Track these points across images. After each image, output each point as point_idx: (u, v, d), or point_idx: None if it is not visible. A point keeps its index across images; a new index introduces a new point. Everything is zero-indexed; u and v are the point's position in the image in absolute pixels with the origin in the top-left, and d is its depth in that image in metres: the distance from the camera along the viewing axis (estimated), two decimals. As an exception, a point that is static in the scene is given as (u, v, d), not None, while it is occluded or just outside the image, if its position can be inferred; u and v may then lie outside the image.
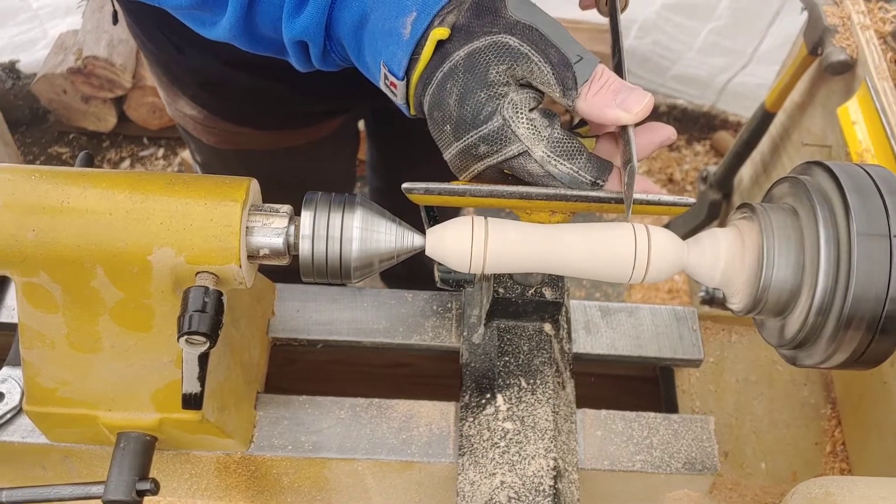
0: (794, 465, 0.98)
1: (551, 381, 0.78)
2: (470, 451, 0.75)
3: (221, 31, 0.69)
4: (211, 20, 0.70)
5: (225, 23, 0.68)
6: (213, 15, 0.69)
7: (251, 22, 0.68)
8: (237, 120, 1.10)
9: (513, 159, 0.62)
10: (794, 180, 0.65)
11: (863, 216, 0.59)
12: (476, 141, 0.62)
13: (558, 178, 0.62)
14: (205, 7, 0.68)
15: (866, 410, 0.97)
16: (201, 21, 0.71)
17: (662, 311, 0.92)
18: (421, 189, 0.65)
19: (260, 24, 0.68)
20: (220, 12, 0.68)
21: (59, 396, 0.70)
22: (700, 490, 0.82)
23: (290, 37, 0.67)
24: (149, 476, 0.69)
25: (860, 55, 1.32)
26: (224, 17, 0.67)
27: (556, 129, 0.62)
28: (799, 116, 1.61)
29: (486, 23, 0.61)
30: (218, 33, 0.70)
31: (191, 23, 0.73)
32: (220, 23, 0.68)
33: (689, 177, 2.71)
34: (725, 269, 0.65)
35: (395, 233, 0.65)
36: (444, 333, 0.87)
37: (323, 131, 1.17)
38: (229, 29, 0.68)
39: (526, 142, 0.61)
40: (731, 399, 1.01)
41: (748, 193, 1.88)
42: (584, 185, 0.63)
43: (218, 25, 0.69)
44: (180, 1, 0.68)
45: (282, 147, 1.15)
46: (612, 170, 0.64)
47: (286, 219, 0.64)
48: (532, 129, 0.61)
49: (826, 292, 0.60)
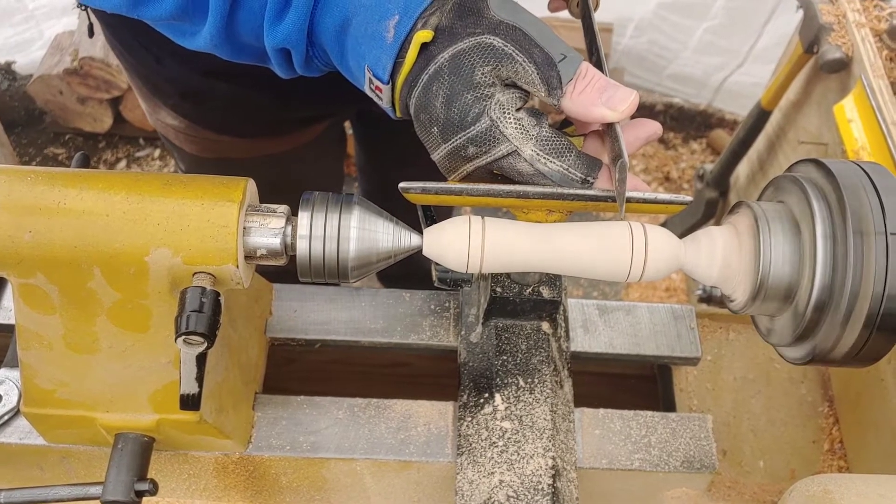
0: (792, 463, 0.98)
1: (549, 379, 0.78)
2: (468, 451, 0.75)
3: (202, 40, 0.68)
4: (191, 30, 0.69)
5: (206, 33, 0.67)
6: (193, 25, 0.68)
7: (232, 31, 0.68)
8: (219, 129, 1.10)
9: (502, 159, 0.62)
10: (791, 178, 0.65)
11: (859, 213, 0.59)
12: (465, 142, 0.62)
13: (548, 175, 0.62)
14: (185, 17, 0.68)
15: (864, 408, 0.98)
16: (181, 31, 0.71)
17: (660, 309, 0.92)
18: (418, 188, 0.65)
19: (241, 32, 0.68)
20: (201, 22, 0.67)
21: (57, 398, 0.70)
22: (698, 488, 0.82)
23: (273, 44, 0.66)
24: (147, 476, 0.69)
25: (856, 53, 1.32)
26: (205, 27, 0.67)
27: (544, 127, 0.62)
28: (795, 114, 1.61)
29: (470, 24, 0.61)
30: (199, 43, 0.69)
31: (171, 33, 0.72)
32: (201, 33, 0.68)
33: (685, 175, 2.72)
34: (722, 267, 0.65)
35: (392, 232, 0.65)
36: (441, 333, 0.87)
37: (307, 136, 1.16)
38: (210, 38, 0.67)
39: (514, 141, 0.61)
40: (728, 397, 1.01)
41: (745, 192, 1.89)
42: (575, 183, 0.63)
43: (198, 35, 0.69)
44: (160, 12, 0.67)
45: (266, 154, 1.14)
46: (601, 167, 0.64)
47: (283, 219, 0.64)
48: (520, 128, 0.61)
49: (823, 289, 0.60)
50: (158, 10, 0.66)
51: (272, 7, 0.64)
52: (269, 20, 0.65)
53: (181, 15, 0.67)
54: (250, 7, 0.66)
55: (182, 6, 0.66)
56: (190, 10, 0.67)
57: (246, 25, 0.67)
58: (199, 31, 0.68)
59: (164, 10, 0.66)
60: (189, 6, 0.66)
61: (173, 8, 0.66)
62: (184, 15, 0.67)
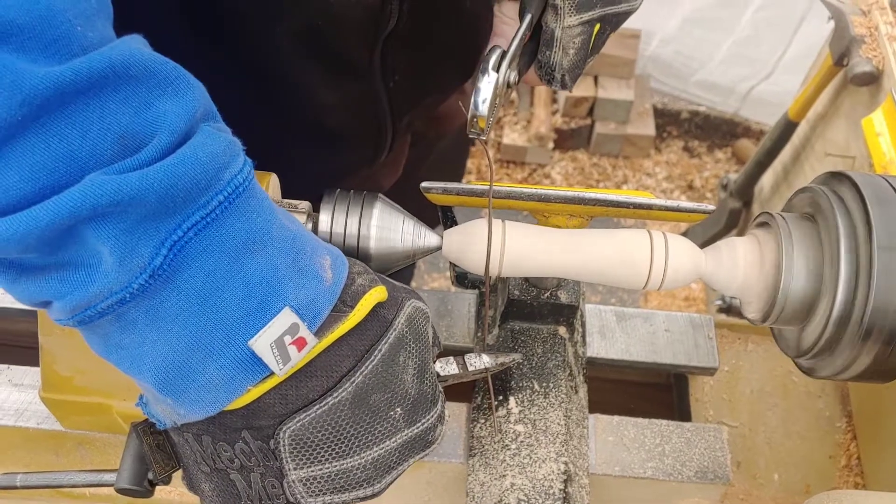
0: (807, 478, 0.97)
1: (564, 384, 0.78)
2: (481, 453, 0.75)
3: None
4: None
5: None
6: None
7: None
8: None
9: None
10: (816, 190, 0.64)
11: (884, 228, 0.58)
12: (435, 422, 0.56)
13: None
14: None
15: (883, 424, 0.96)
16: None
17: (678, 317, 0.91)
18: (439, 189, 0.65)
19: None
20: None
21: (76, 384, 0.71)
22: (711, 499, 0.82)
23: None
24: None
25: (886, 67, 1.31)
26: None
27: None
28: (822, 127, 1.60)
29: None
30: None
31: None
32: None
33: (709, 184, 2.70)
34: (743, 279, 0.65)
35: (412, 231, 0.64)
36: (457, 334, 0.87)
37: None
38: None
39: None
40: (745, 409, 1.00)
41: (768, 202, 1.87)
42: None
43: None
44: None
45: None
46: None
47: (304, 216, 0.64)
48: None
49: (845, 303, 0.59)
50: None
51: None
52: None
53: None
54: None
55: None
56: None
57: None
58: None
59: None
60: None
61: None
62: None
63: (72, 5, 0.42)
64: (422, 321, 0.55)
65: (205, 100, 0.47)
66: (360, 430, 0.51)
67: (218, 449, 0.51)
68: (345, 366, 0.50)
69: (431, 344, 0.57)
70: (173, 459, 0.56)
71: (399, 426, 0.53)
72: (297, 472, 0.50)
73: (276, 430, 0.49)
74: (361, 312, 0.51)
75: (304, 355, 0.48)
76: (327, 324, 0.49)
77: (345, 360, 0.50)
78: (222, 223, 0.45)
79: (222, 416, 0.49)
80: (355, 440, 0.51)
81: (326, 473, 0.51)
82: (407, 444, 0.54)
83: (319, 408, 0.50)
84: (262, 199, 0.49)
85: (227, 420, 0.50)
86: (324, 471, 0.51)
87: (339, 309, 0.50)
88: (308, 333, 0.48)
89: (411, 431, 0.54)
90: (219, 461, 0.51)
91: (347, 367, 0.50)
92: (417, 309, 0.55)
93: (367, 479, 0.52)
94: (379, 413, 0.51)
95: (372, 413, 0.51)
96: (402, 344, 0.53)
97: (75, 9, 0.42)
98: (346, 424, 0.50)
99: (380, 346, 0.51)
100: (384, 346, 0.52)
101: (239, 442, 0.50)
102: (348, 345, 0.51)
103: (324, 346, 0.50)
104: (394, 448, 0.53)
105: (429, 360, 0.55)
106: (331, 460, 0.51)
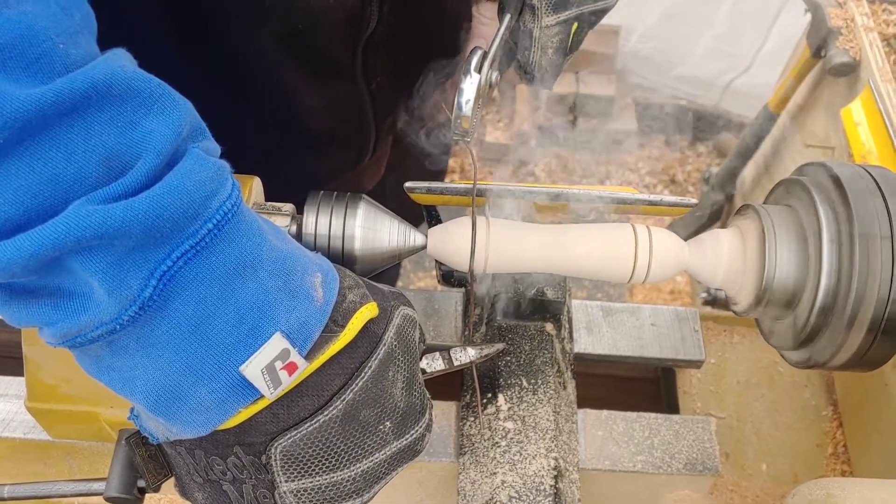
0: (795, 467, 0.98)
1: (553, 380, 0.78)
2: (471, 451, 0.75)
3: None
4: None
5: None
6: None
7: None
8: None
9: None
10: (797, 181, 0.65)
11: (865, 217, 0.59)
12: (422, 432, 0.56)
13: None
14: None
15: (868, 412, 0.97)
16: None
17: (664, 311, 0.92)
18: (423, 189, 0.65)
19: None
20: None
21: (61, 393, 0.70)
22: (700, 491, 0.82)
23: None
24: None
25: (863, 57, 1.32)
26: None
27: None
28: (802, 118, 1.61)
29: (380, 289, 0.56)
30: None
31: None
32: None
33: (691, 178, 2.71)
34: (727, 270, 0.65)
35: (397, 231, 0.64)
36: (444, 333, 0.87)
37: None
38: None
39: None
40: (732, 400, 1.01)
41: (750, 194, 1.88)
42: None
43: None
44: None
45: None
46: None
47: (288, 218, 0.64)
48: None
49: (828, 293, 0.60)
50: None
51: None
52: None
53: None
54: None
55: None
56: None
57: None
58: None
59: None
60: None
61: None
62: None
63: (53, 23, 0.41)
64: (410, 330, 0.55)
65: (191, 116, 0.47)
66: (350, 444, 0.51)
67: (210, 462, 0.51)
68: (335, 384, 0.50)
69: (418, 350, 0.56)
70: (165, 468, 0.55)
71: (388, 439, 0.53)
72: (287, 484, 0.50)
73: (267, 447, 0.50)
74: (352, 332, 0.50)
75: (294, 379, 0.48)
76: (318, 344, 0.49)
77: (335, 378, 0.50)
78: (212, 251, 0.45)
79: (214, 433, 0.49)
80: (345, 455, 0.51)
81: (317, 486, 0.51)
82: (396, 455, 0.54)
83: (310, 425, 0.50)
84: (251, 222, 0.48)
85: (219, 437, 0.50)
86: (314, 483, 0.51)
87: (329, 329, 0.50)
88: (299, 357, 0.48)
89: (400, 443, 0.54)
90: (211, 473, 0.51)
91: (338, 386, 0.50)
92: (406, 318, 0.55)
93: (356, 490, 0.52)
94: (369, 428, 0.51)
95: (362, 428, 0.51)
96: (392, 359, 0.53)
97: (57, 27, 0.42)
98: (336, 440, 0.50)
99: (370, 363, 0.51)
100: (374, 363, 0.51)
101: (231, 456, 0.50)
102: (339, 363, 0.51)
103: (314, 367, 0.49)
104: (383, 460, 0.53)
105: (417, 371, 0.55)
106: (321, 473, 0.51)
